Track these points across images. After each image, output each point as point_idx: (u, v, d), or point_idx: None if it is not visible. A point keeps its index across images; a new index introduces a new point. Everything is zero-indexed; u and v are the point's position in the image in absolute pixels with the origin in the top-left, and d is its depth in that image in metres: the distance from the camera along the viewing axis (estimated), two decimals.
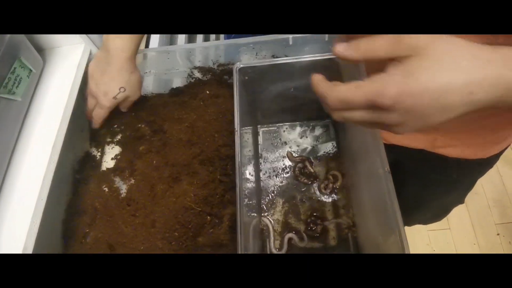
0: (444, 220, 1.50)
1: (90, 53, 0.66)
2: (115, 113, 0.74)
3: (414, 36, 0.31)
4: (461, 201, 0.85)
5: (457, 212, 1.51)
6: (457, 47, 0.31)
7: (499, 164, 1.58)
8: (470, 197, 1.52)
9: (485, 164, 0.69)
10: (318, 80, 0.36)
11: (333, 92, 0.34)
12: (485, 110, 0.31)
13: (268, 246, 0.61)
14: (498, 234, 1.46)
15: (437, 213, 0.92)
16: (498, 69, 0.29)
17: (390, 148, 0.65)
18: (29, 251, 0.49)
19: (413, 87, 0.30)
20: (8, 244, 0.48)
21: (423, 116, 0.31)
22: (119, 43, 0.60)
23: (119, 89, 0.63)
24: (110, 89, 0.62)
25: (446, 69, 0.30)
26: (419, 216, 0.94)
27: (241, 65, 0.56)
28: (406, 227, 1.32)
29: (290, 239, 0.61)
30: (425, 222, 0.99)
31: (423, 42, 0.31)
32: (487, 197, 1.55)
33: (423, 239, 1.49)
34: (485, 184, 1.57)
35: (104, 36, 0.61)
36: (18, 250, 0.48)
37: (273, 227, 0.62)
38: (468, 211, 1.52)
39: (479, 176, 0.75)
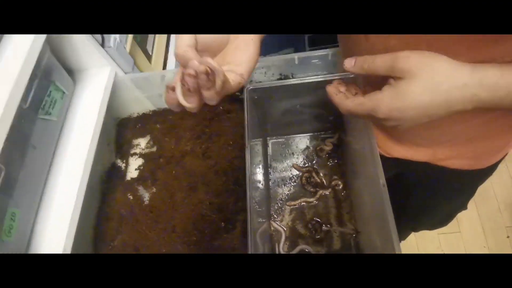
0: (455, 223, 1.53)
1: (116, 75, 0.74)
2: (137, 128, 0.81)
3: (406, 60, 0.39)
4: (464, 207, 0.89)
5: (468, 216, 1.53)
6: (441, 71, 0.38)
7: (510, 168, 1.60)
8: (480, 200, 1.55)
9: (485, 173, 0.72)
10: (332, 93, 0.48)
11: (344, 105, 0.45)
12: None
13: (277, 250, 0.67)
14: (508, 237, 1.47)
15: (442, 219, 0.96)
16: (473, 90, 0.37)
17: (394, 161, 0.70)
18: (68, 251, 0.56)
19: (400, 105, 0.39)
20: (50, 246, 0.56)
21: (412, 122, 0.41)
22: None
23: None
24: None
25: (429, 91, 0.38)
26: (425, 222, 0.98)
27: (251, 87, 0.62)
28: (414, 233, 1.36)
29: (302, 250, 0.66)
30: (432, 227, 1.03)
31: (413, 67, 0.38)
32: (498, 200, 1.56)
33: (433, 242, 1.52)
34: (496, 188, 1.58)
35: None
36: (59, 251, 0.55)
37: (282, 232, 0.68)
38: (478, 214, 1.54)
39: (480, 184, 0.79)
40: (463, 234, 1.52)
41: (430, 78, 0.38)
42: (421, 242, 1.52)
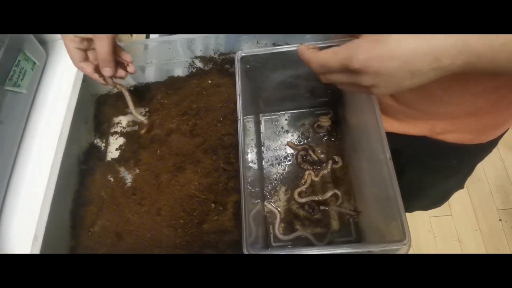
0: (446, 206, 1.51)
1: None
2: (118, 105, 0.75)
3: None
4: (461, 186, 0.86)
5: (459, 198, 1.52)
6: None
7: (501, 150, 1.59)
8: (472, 183, 1.54)
9: (484, 149, 0.69)
10: (303, 49, 0.42)
11: (315, 58, 0.40)
12: (458, 74, 0.34)
13: (272, 231, 0.62)
14: (500, 220, 1.47)
15: (437, 199, 0.93)
16: (463, 37, 0.31)
17: (389, 136, 0.66)
18: (39, 239, 0.50)
19: (380, 52, 0.34)
20: (19, 233, 0.50)
21: (393, 79, 0.35)
22: None
23: None
24: None
25: (412, 36, 0.33)
26: (419, 202, 0.95)
27: (243, 54, 0.56)
28: (407, 214, 1.34)
29: (299, 236, 0.61)
30: (426, 208, 1.00)
31: None
32: (489, 183, 1.55)
33: (424, 225, 1.50)
34: (487, 170, 1.57)
35: None
36: (29, 239, 0.49)
37: (276, 214, 0.63)
38: (470, 197, 1.53)
39: (479, 161, 0.76)
40: (454, 217, 1.50)
41: None
42: (411, 225, 1.49)
